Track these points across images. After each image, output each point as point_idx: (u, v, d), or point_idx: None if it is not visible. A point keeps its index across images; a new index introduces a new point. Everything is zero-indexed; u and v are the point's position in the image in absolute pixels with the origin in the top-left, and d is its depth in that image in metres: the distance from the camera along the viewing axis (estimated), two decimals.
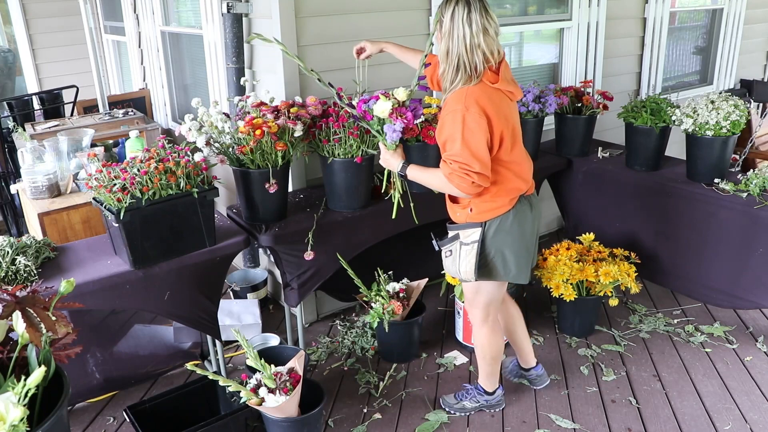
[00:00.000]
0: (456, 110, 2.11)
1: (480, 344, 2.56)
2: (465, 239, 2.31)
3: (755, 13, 5.55)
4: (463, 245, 2.31)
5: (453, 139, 2.11)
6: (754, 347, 3.12)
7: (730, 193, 3.04)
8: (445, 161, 2.16)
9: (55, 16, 6.16)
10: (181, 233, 2.44)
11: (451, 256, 2.36)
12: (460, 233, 2.33)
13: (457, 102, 2.12)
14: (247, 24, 3.20)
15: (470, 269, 2.31)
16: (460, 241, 2.32)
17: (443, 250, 2.40)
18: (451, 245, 2.36)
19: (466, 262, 2.32)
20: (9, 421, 1.26)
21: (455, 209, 2.36)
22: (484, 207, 2.27)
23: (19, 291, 1.55)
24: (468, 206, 2.30)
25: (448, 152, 2.14)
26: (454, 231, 2.35)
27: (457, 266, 2.35)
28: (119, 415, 2.73)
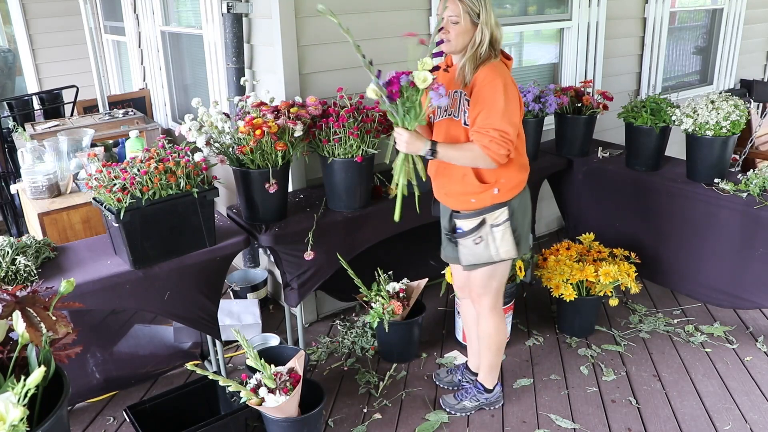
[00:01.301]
0: (495, 80, 2.15)
1: (487, 333, 2.55)
2: (494, 221, 2.30)
3: (755, 13, 5.55)
4: (493, 227, 2.31)
5: (493, 108, 2.13)
6: (754, 347, 3.12)
7: (730, 193, 3.04)
8: (480, 131, 2.16)
9: (55, 16, 6.16)
10: (181, 233, 2.44)
11: (483, 242, 2.33)
12: (486, 217, 2.31)
13: (494, 74, 2.17)
14: (247, 24, 3.20)
15: (511, 247, 2.33)
16: (490, 224, 2.31)
17: (469, 238, 2.34)
18: (479, 232, 2.32)
19: (504, 242, 2.32)
20: (9, 421, 1.26)
21: (473, 195, 2.31)
22: (510, 184, 2.29)
23: (19, 291, 1.55)
24: (494, 186, 2.28)
25: (485, 121, 2.14)
26: (477, 217, 2.31)
27: (494, 249, 2.33)
28: (119, 415, 2.73)
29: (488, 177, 2.29)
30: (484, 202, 2.30)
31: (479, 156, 2.19)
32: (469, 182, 2.31)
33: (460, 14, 2.17)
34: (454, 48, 2.23)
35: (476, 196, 2.31)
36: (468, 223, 2.34)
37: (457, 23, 2.18)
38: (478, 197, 2.30)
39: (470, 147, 2.20)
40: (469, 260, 2.39)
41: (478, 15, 2.17)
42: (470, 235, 2.34)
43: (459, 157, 2.24)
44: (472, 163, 2.24)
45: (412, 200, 3.08)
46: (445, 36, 2.20)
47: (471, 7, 2.16)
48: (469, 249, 2.37)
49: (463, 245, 2.38)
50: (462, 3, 2.16)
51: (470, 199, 2.32)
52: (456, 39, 2.20)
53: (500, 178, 2.28)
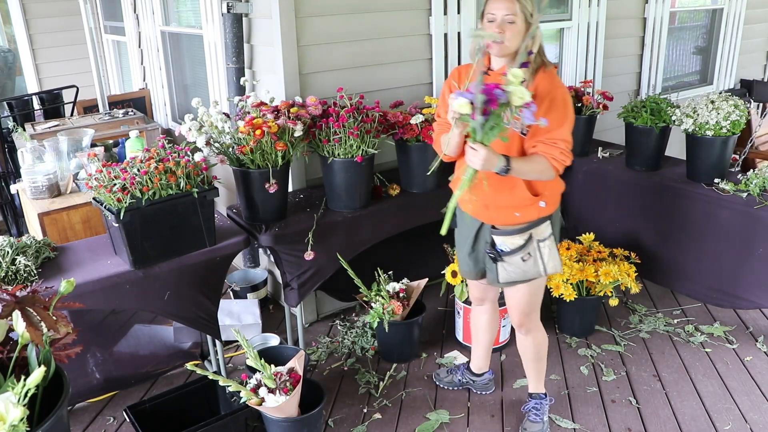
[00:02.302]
0: (562, 89, 2.08)
1: (539, 345, 2.49)
2: (540, 236, 2.20)
3: (755, 13, 5.55)
4: (540, 242, 2.20)
5: (562, 119, 2.06)
6: (754, 347, 3.12)
7: (730, 193, 3.04)
8: (548, 143, 2.05)
9: (55, 16, 6.16)
10: (181, 233, 2.44)
11: (531, 259, 2.21)
12: (533, 232, 2.19)
13: (559, 82, 2.11)
14: (247, 24, 3.20)
15: (558, 262, 2.25)
16: (536, 239, 2.20)
17: (517, 255, 2.20)
18: (527, 248, 2.20)
19: (552, 257, 2.23)
20: (9, 421, 1.26)
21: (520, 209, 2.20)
22: (555, 196, 2.23)
23: (19, 291, 1.55)
24: (542, 199, 2.19)
25: (553, 132, 2.04)
26: (524, 233, 2.19)
27: (542, 266, 2.22)
28: (119, 415, 2.73)
29: (540, 188, 2.19)
30: (530, 215, 2.19)
31: (546, 169, 2.08)
32: (518, 195, 2.18)
33: (516, 13, 2.03)
34: (507, 50, 2.07)
35: (522, 209, 2.19)
36: (513, 240, 2.20)
37: (513, 23, 2.03)
38: (524, 210, 2.19)
39: (539, 159, 2.07)
40: (512, 278, 2.26)
41: (532, 15, 2.04)
42: (518, 252, 2.20)
43: (529, 171, 2.09)
44: (539, 176, 2.12)
45: (412, 201, 3.09)
46: (500, 37, 2.04)
47: (525, 6, 2.04)
48: (515, 266, 2.23)
49: (508, 263, 2.23)
50: (518, 1, 2.02)
51: (514, 213, 2.20)
52: (511, 41, 2.05)
53: (546, 190, 2.20)
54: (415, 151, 2.98)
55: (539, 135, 2.07)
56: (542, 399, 2.59)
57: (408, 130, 2.89)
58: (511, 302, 2.41)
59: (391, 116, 2.90)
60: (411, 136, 2.90)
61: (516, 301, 2.38)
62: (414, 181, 3.08)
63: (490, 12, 2.06)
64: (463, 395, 2.82)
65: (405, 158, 3.04)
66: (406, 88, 3.42)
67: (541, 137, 2.07)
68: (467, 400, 2.78)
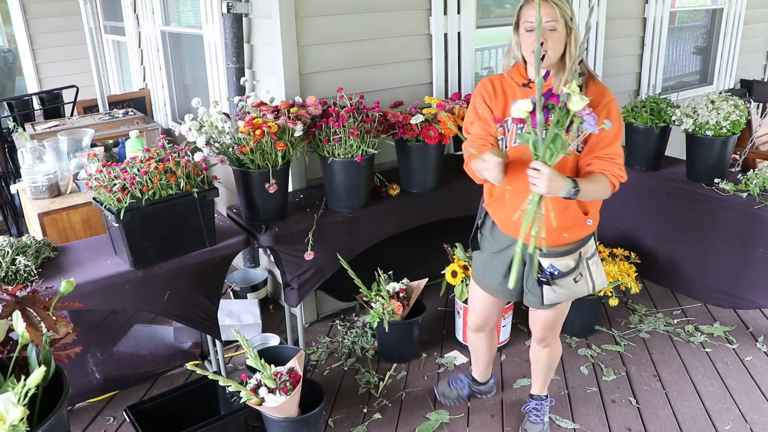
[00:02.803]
0: (614, 100, 1.96)
1: (554, 357, 2.45)
2: (587, 254, 2.10)
3: (755, 13, 5.54)
4: (588, 260, 2.10)
5: (618, 132, 1.93)
6: (754, 347, 3.12)
7: (730, 193, 3.04)
8: (606, 159, 1.92)
9: (55, 16, 6.16)
10: (181, 233, 2.44)
11: (583, 278, 2.10)
12: (581, 251, 2.08)
13: (609, 93, 1.97)
14: (247, 24, 3.20)
15: (604, 276, 2.17)
16: (585, 258, 2.10)
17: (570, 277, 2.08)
18: (579, 269, 2.09)
19: (599, 272, 2.14)
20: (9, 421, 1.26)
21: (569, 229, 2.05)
22: (598, 212, 2.11)
23: (19, 291, 1.55)
24: (588, 217, 2.06)
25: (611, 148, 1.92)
26: (573, 253, 2.07)
27: (591, 283, 2.12)
28: (119, 415, 2.73)
29: (589, 205, 2.06)
30: (578, 234, 2.07)
31: (606, 187, 1.93)
32: (570, 215, 2.03)
33: (558, 19, 1.86)
34: (550, 61, 1.91)
35: (571, 229, 2.05)
36: (565, 261, 2.06)
37: (555, 30, 1.87)
38: (572, 230, 2.06)
39: (600, 178, 1.92)
40: (559, 299, 2.14)
41: (572, 19, 1.90)
42: (571, 274, 2.08)
43: (594, 191, 1.92)
44: (600, 196, 1.97)
45: (412, 201, 3.09)
46: (544, 46, 1.85)
47: (565, 11, 1.88)
48: (565, 288, 2.10)
49: (559, 285, 2.09)
50: (558, 6, 1.86)
51: (563, 234, 2.05)
52: (555, 50, 1.89)
53: (593, 206, 2.07)
54: (415, 151, 2.98)
55: (596, 151, 1.93)
56: (543, 400, 2.58)
57: (408, 130, 2.89)
58: (538, 319, 2.31)
59: (391, 116, 2.90)
60: (411, 136, 2.90)
61: (544, 320, 2.29)
62: (414, 181, 3.08)
63: (527, 20, 1.90)
64: None
65: (405, 158, 3.04)
66: (406, 88, 3.42)
67: (598, 153, 1.93)
68: (467, 401, 2.78)
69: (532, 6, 1.87)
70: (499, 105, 2.04)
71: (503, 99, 2.04)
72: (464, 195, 3.22)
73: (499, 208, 2.13)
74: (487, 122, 2.06)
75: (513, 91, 2.03)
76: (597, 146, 1.93)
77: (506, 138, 2.03)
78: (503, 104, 2.03)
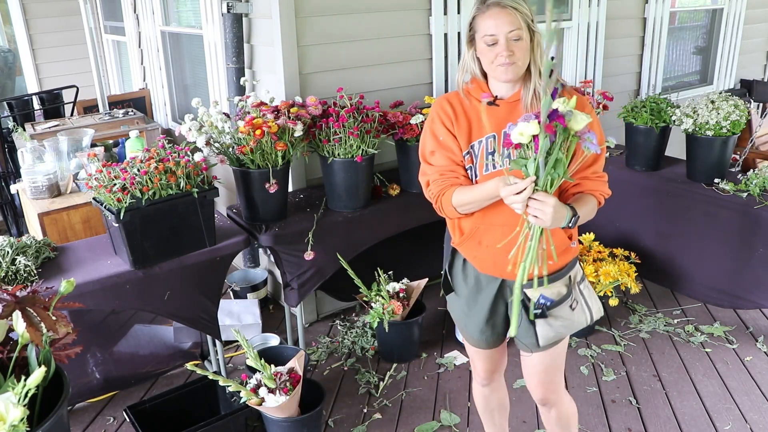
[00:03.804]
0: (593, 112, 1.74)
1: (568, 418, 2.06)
2: (577, 277, 1.88)
3: (755, 13, 5.55)
4: (579, 285, 1.89)
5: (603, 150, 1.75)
6: (754, 347, 3.12)
7: (730, 193, 3.04)
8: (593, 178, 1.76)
9: (55, 16, 6.16)
10: (181, 233, 2.44)
11: (579, 306, 1.86)
12: (571, 275, 1.86)
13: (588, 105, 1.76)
14: (247, 24, 3.20)
15: (599, 302, 1.94)
16: (576, 282, 1.88)
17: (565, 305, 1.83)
18: (572, 295, 1.85)
19: (592, 297, 1.91)
20: (9, 421, 1.26)
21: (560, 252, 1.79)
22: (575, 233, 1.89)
23: (19, 291, 1.55)
24: (574, 238, 1.87)
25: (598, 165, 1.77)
26: (563, 278, 1.83)
27: (588, 311, 1.89)
28: (119, 415, 2.73)
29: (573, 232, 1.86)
30: (565, 259, 1.84)
31: (595, 207, 1.76)
32: (557, 240, 1.77)
33: (521, 26, 1.65)
34: (521, 71, 1.71)
35: (565, 251, 1.84)
36: (556, 288, 1.82)
37: (520, 39, 1.66)
38: (560, 255, 1.80)
39: (590, 199, 1.74)
40: (558, 335, 1.85)
41: (533, 21, 1.69)
42: (565, 301, 1.83)
43: (586, 215, 1.72)
44: (590, 217, 1.76)
45: (412, 201, 3.09)
46: (511, 59, 1.66)
47: (525, 14, 1.67)
48: (563, 319, 1.83)
49: (555, 317, 1.82)
50: (517, 11, 1.65)
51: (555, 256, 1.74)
52: (523, 59, 1.69)
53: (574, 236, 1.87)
54: (415, 151, 2.96)
55: (583, 170, 1.73)
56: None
57: (408, 130, 2.89)
58: (533, 373, 1.97)
59: (391, 116, 2.90)
60: (411, 136, 2.90)
61: (540, 372, 1.95)
62: (414, 181, 3.07)
63: (487, 33, 1.66)
64: (463, 395, 2.82)
65: (405, 158, 3.04)
66: (406, 88, 3.42)
67: (585, 172, 1.74)
68: (467, 401, 2.78)
69: (488, 16, 1.65)
70: (462, 129, 1.76)
71: (466, 121, 1.76)
72: None
73: (472, 246, 1.85)
74: (451, 150, 1.77)
75: (476, 110, 1.77)
76: (583, 166, 1.71)
77: (474, 166, 1.77)
78: (467, 128, 1.76)
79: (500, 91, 1.76)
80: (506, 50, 1.65)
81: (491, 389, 2.18)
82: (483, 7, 1.67)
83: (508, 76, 1.69)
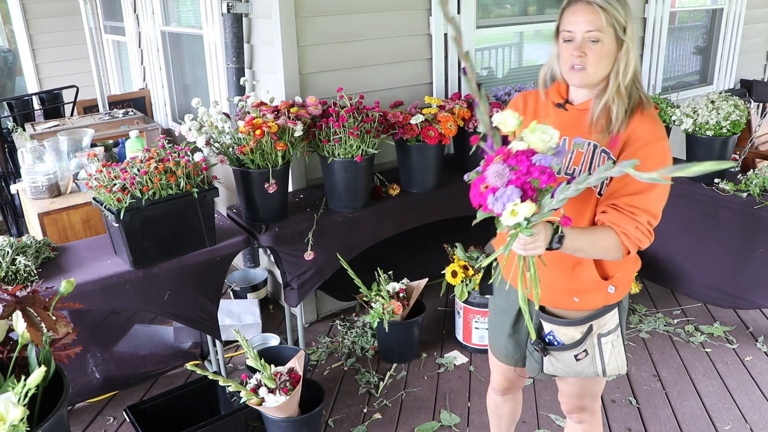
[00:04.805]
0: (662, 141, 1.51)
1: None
2: (602, 329, 1.67)
3: (755, 13, 5.54)
4: (602, 338, 1.67)
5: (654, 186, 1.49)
6: (754, 347, 3.12)
7: (730, 193, 3.04)
8: (625, 212, 1.50)
9: (55, 16, 6.16)
10: (181, 233, 2.44)
11: (587, 357, 1.69)
12: (594, 324, 1.66)
13: (658, 131, 1.54)
14: (247, 24, 3.20)
15: (623, 363, 1.71)
16: (597, 333, 1.67)
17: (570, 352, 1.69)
18: (583, 345, 1.67)
19: (614, 355, 1.69)
20: (9, 421, 1.26)
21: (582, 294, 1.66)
22: (627, 279, 1.69)
23: (19, 291, 1.55)
24: (610, 283, 1.65)
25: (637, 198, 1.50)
26: (583, 325, 1.66)
27: (600, 366, 1.69)
28: (119, 415, 2.73)
29: (611, 269, 1.65)
30: (594, 303, 1.65)
31: (613, 247, 1.52)
32: (583, 276, 1.64)
33: (603, 27, 1.48)
34: (592, 79, 1.54)
35: (583, 294, 1.65)
36: (570, 332, 1.67)
37: (598, 42, 1.49)
38: (585, 296, 1.65)
39: (606, 235, 1.51)
40: (559, 374, 1.77)
41: (625, 30, 1.51)
42: (572, 348, 1.68)
43: (589, 248, 1.53)
44: (601, 255, 1.57)
45: (412, 201, 3.09)
46: (581, 61, 1.51)
47: (617, 18, 1.49)
48: (564, 364, 1.71)
49: (556, 358, 1.71)
50: (605, 11, 1.48)
51: (573, 298, 1.66)
52: (597, 65, 1.51)
53: (620, 271, 1.66)
54: (415, 151, 2.98)
55: (615, 197, 1.52)
56: None
57: (408, 130, 2.89)
58: (563, 388, 1.89)
59: (391, 116, 2.90)
60: (411, 136, 2.90)
61: (569, 389, 1.86)
62: (414, 181, 3.08)
63: (565, 28, 1.53)
64: (463, 395, 2.82)
65: (405, 158, 3.04)
66: (406, 88, 3.42)
67: (617, 200, 1.52)
68: (467, 401, 2.78)
69: (572, 10, 1.52)
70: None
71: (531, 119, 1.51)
72: (464, 195, 3.21)
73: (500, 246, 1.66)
74: None
75: (547, 111, 1.65)
76: (618, 192, 1.51)
77: None
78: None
79: (577, 95, 1.62)
80: (578, 50, 1.50)
81: (504, 399, 2.14)
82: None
83: (574, 81, 1.56)
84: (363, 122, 2.74)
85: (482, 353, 3.11)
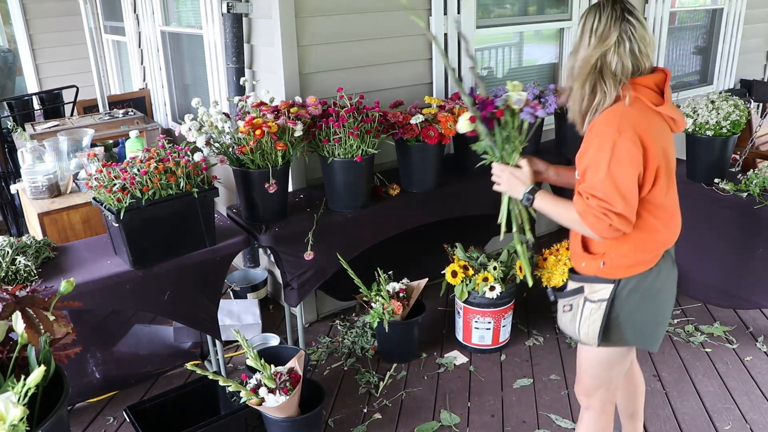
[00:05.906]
0: (606, 133, 1.69)
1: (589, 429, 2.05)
2: (591, 295, 1.86)
3: (755, 13, 5.54)
4: (587, 302, 1.87)
5: (596, 169, 1.68)
6: (754, 347, 3.12)
7: (730, 193, 3.04)
8: (581, 194, 1.72)
9: (55, 16, 6.17)
10: (181, 233, 2.44)
11: (570, 312, 1.92)
12: (585, 286, 1.88)
13: (609, 124, 1.70)
14: (247, 24, 3.20)
15: (593, 332, 1.86)
16: (584, 296, 1.88)
17: (561, 302, 1.96)
18: (572, 299, 1.91)
19: (588, 323, 1.86)
20: (9, 420, 1.26)
21: (582, 259, 1.89)
22: (621, 263, 1.81)
23: (19, 291, 1.55)
24: (600, 259, 1.83)
25: (587, 184, 1.71)
26: (578, 283, 1.91)
27: (577, 326, 1.90)
28: (119, 415, 2.73)
29: (594, 248, 1.86)
30: (590, 270, 1.87)
31: (575, 222, 1.75)
32: (574, 243, 1.93)
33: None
34: None
35: (586, 261, 1.88)
36: (570, 284, 1.95)
37: None
38: (587, 263, 1.88)
39: (568, 207, 1.77)
40: (559, 323, 2.02)
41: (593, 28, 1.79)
42: (566, 298, 1.94)
43: (555, 215, 1.81)
44: (569, 225, 1.81)
45: (412, 201, 3.09)
46: None
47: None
48: (560, 314, 1.99)
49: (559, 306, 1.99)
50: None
51: (581, 262, 1.90)
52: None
53: (610, 252, 1.82)
54: (415, 151, 2.98)
55: (580, 182, 1.76)
56: None
57: (408, 130, 2.89)
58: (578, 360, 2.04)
59: (391, 116, 2.90)
60: (411, 136, 2.90)
61: (579, 361, 2.03)
62: (414, 181, 3.09)
63: None
64: (463, 395, 2.82)
65: (405, 158, 3.04)
66: (406, 88, 3.42)
67: (578, 187, 1.76)
68: (467, 401, 2.78)
69: None
70: None
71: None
72: (464, 195, 3.23)
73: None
74: None
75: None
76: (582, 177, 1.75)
77: None
78: None
79: None
80: None
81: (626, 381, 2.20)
82: None
83: None
84: (363, 122, 2.74)
85: (482, 353, 3.11)
